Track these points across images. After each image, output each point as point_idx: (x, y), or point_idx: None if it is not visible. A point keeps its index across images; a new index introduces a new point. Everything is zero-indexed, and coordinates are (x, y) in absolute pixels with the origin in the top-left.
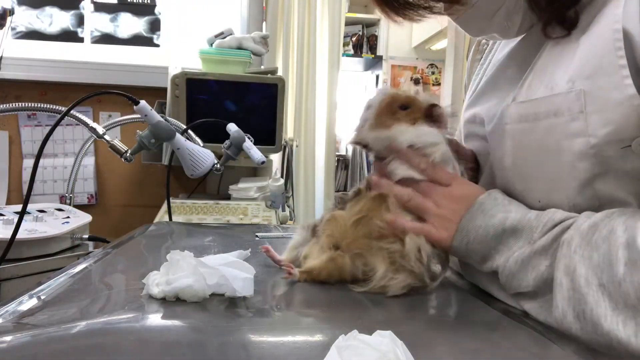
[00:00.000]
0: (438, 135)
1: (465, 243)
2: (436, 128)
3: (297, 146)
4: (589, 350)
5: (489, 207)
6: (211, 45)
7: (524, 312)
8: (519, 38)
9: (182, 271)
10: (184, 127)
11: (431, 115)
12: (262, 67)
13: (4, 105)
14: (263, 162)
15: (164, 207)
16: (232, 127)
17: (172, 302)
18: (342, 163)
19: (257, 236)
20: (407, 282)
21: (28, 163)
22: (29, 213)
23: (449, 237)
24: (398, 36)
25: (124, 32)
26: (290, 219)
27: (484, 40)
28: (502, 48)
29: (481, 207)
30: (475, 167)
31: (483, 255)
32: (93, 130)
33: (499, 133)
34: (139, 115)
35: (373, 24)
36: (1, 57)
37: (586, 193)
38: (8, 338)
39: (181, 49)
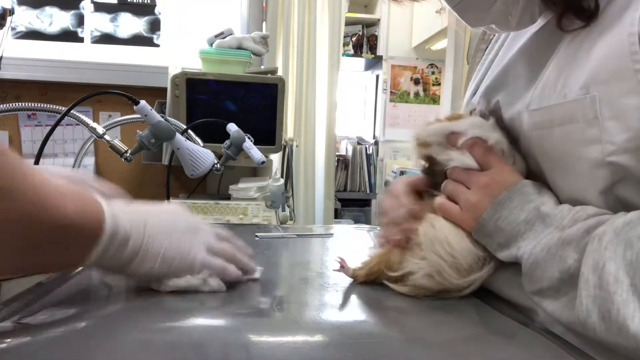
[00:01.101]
0: (491, 124)
1: (495, 220)
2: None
3: (297, 146)
4: None
5: (529, 191)
6: (211, 45)
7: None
8: (529, 31)
9: None
10: (184, 127)
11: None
12: (262, 67)
13: (4, 105)
14: (263, 162)
15: None
16: (232, 127)
17: (171, 302)
18: (342, 163)
19: (257, 236)
20: (421, 283)
21: None
22: None
23: (472, 218)
24: (398, 36)
25: (124, 32)
26: (290, 219)
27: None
28: (510, 41)
29: (522, 190)
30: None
31: (508, 238)
32: (93, 130)
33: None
34: (139, 115)
35: (373, 24)
36: (1, 57)
37: (609, 200)
38: (8, 338)
39: (181, 49)
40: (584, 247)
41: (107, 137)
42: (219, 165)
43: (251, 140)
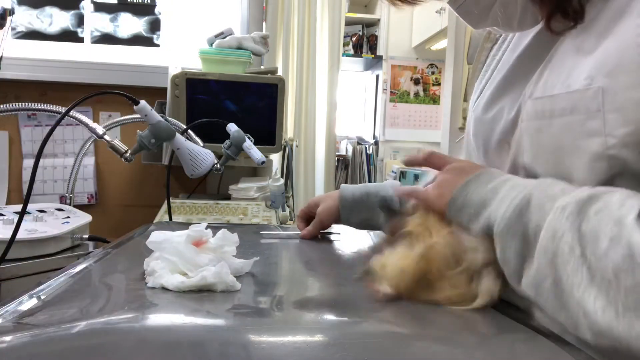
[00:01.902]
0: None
1: (464, 194)
2: None
3: (297, 146)
4: None
5: (499, 172)
6: (211, 45)
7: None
8: (532, 33)
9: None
10: (184, 127)
11: None
12: (262, 67)
13: (4, 105)
14: (263, 162)
15: (164, 207)
16: (232, 127)
17: (171, 302)
18: (342, 163)
19: (262, 234)
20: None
21: (28, 163)
22: (29, 213)
23: (443, 194)
24: (398, 36)
25: (124, 32)
26: (290, 219)
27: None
28: (516, 41)
29: (492, 171)
30: None
31: (477, 208)
32: (93, 130)
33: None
34: (139, 115)
35: (373, 24)
36: (1, 57)
37: None
38: (8, 338)
39: (181, 49)
40: (547, 213)
41: (107, 137)
42: (219, 165)
43: (251, 140)
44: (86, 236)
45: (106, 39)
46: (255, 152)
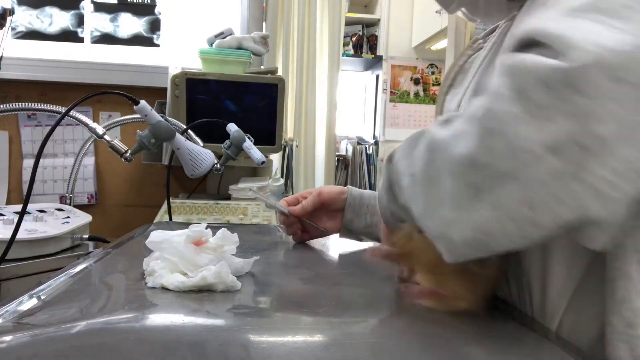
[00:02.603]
0: None
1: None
2: None
3: (297, 146)
4: None
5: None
6: (211, 45)
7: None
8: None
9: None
10: (184, 127)
11: None
12: (262, 67)
13: (4, 105)
14: (263, 162)
15: (164, 207)
16: (232, 127)
17: (171, 302)
18: (342, 163)
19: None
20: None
21: (28, 163)
22: (29, 213)
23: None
24: (398, 36)
25: (124, 32)
26: None
27: (480, 40)
28: (492, 56)
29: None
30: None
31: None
32: (93, 130)
33: None
34: (139, 115)
35: (373, 24)
36: (1, 57)
37: None
38: (8, 338)
39: (181, 49)
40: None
41: (107, 137)
42: (219, 166)
43: (251, 140)
44: (86, 236)
45: (106, 39)
46: (255, 152)
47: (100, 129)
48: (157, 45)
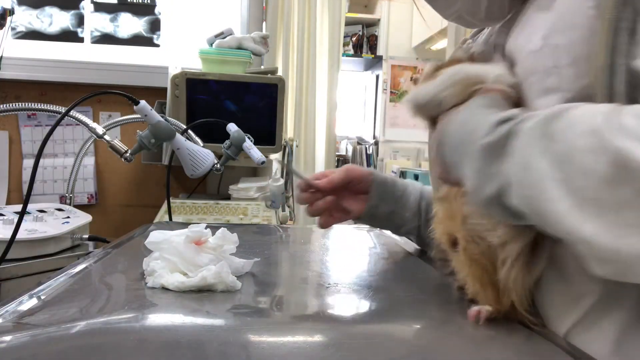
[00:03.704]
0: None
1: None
2: None
3: (297, 146)
4: None
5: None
6: (211, 45)
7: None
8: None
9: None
10: (184, 127)
11: None
12: (262, 67)
13: (4, 105)
14: (263, 162)
15: (164, 207)
16: (232, 127)
17: (171, 302)
18: (342, 163)
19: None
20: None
21: (28, 163)
22: (29, 213)
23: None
24: (398, 36)
25: (124, 32)
26: (290, 219)
27: (469, 40)
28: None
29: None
30: None
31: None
32: (93, 130)
33: None
34: (139, 115)
35: (373, 24)
36: (1, 57)
37: None
38: (8, 338)
39: (181, 49)
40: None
41: (107, 137)
42: (219, 166)
43: (251, 140)
44: (86, 236)
45: (106, 39)
46: (255, 152)
47: (100, 129)
48: (157, 45)
